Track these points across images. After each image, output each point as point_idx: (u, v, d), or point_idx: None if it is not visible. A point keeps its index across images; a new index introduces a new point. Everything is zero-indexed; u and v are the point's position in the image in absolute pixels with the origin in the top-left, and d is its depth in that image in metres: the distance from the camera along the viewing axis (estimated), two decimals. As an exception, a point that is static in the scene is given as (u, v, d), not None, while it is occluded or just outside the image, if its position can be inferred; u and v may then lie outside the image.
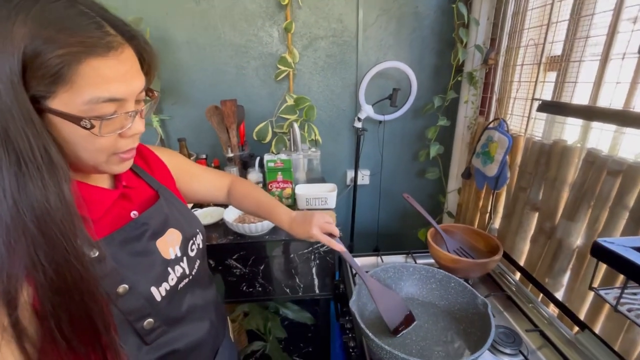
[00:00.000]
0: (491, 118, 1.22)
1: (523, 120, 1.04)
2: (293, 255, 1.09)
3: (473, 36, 1.26)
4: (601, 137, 0.80)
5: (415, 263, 1.10)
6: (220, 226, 1.14)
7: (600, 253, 0.51)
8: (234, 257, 1.06)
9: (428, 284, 0.87)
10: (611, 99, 0.76)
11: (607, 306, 0.73)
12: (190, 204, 1.17)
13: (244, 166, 1.36)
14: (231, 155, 1.35)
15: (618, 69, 0.74)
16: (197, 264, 0.59)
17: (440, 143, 1.49)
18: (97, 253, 0.41)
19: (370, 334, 0.65)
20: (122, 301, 0.44)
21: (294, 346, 1.41)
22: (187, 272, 0.55)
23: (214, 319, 0.62)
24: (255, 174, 1.30)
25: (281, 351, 1.38)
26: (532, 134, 1.00)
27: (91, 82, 0.36)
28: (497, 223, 1.16)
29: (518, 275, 1.03)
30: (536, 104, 0.95)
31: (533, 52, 1.00)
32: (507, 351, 0.77)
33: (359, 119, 1.40)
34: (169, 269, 0.52)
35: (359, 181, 1.55)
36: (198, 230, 0.61)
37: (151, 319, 0.48)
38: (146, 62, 0.45)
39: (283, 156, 1.23)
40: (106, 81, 0.37)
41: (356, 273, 1.05)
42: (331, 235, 0.71)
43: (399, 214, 1.72)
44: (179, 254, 0.54)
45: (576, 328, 0.80)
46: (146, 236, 0.50)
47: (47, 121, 0.37)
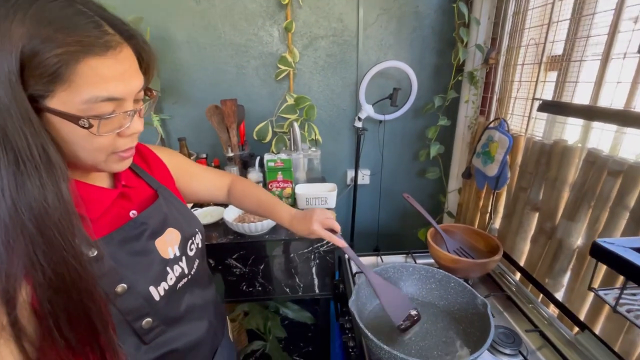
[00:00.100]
0: (492, 118, 1.22)
1: (523, 120, 1.04)
2: (293, 254, 1.09)
3: (474, 36, 1.26)
4: (602, 137, 0.79)
5: (415, 263, 1.10)
6: (220, 225, 1.14)
7: (599, 253, 0.51)
8: (234, 257, 1.07)
9: (428, 284, 0.87)
10: (612, 99, 0.76)
11: (607, 307, 0.72)
12: (190, 204, 1.17)
13: (244, 166, 1.36)
14: (231, 154, 1.35)
15: (619, 69, 0.73)
16: (196, 264, 0.59)
17: (440, 143, 1.49)
18: (96, 252, 0.41)
19: (369, 334, 0.64)
20: (121, 301, 0.44)
21: (294, 346, 1.42)
22: (186, 272, 0.55)
23: (213, 319, 0.63)
24: (255, 174, 1.30)
25: (281, 351, 1.39)
26: (533, 134, 1.00)
27: (89, 82, 0.36)
28: (498, 223, 1.15)
29: (518, 275, 1.03)
30: (537, 104, 0.95)
31: (534, 52, 1.00)
32: (507, 351, 0.76)
33: (359, 119, 1.40)
34: (168, 269, 0.52)
35: (359, 181, 1.55)
36: (197, 229, 0.61)
37: (150, 319, 0.48)
38: (145, 62, 0.45)
39: (283, 156, 1.23)
40: (104, 80, 0.38)
41: (356, 273, 1.05)
42: (332, 231, 0.71)
43: (399, 214, 1.71)
44: (178, 254, 0.54)
45: (576, 329, 0.80)
46: (145, 236, 0.50)
47: (46, 120, 0.37)
